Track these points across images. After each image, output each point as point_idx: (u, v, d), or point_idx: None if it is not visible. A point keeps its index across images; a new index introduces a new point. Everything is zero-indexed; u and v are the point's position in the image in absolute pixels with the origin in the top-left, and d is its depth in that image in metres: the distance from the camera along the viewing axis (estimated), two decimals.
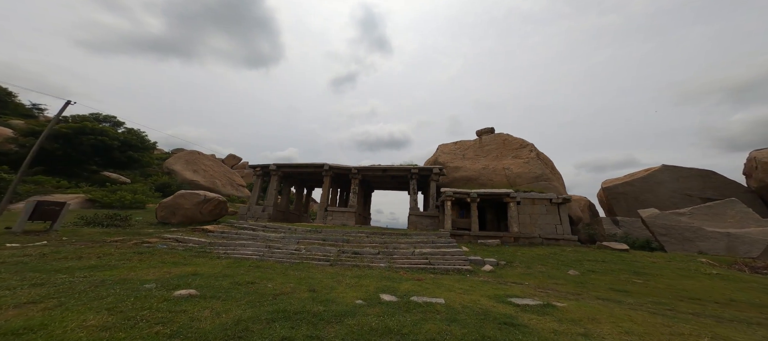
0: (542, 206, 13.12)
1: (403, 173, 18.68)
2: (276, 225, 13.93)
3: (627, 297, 5.40)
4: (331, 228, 14.13)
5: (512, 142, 20.24)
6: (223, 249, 9.62)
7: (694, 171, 17.75)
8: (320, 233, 13.26)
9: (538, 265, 8.53)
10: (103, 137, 21.64)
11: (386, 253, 9.89)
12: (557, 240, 12.23)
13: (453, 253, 9.60)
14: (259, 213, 17.97)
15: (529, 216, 13.03)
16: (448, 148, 22.80)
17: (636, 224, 15.80)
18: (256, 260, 8.52)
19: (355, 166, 18.69)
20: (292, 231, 13.28)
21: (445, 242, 11.19)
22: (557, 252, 10.19)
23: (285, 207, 20.86)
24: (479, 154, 21.05)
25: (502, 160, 19.39)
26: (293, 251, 9.92)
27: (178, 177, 32.54)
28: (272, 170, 19.09)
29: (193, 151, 36.17)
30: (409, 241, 11.44)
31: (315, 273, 7.00)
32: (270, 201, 18.62)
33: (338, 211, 18.10)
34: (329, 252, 10.00)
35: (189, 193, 12.74)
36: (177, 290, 4.35)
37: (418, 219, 17.23)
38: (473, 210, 13.69)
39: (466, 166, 20.25)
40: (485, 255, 9.94)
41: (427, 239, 11.81)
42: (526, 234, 12.67)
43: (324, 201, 18.65)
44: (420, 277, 7.17)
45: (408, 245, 10.91)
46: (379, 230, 13.88)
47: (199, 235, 10.92)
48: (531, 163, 17.89)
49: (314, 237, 11.90)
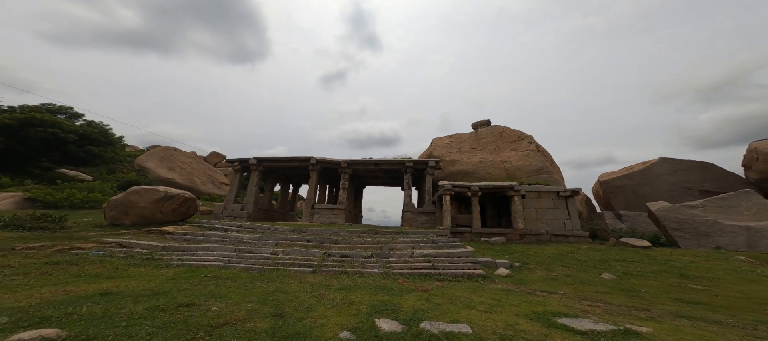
0: (549, 200, 11.87)
1: (396, 167, 17.10)
2: (254, 225, 12.03)
3: (710, 312, 4.05)
4: (317, 227, 12.37)
5: (510, 134, 19.09)
6: (179, 254, 7.70)
7: (693, 163, 17.15)
8: (305, 233, 11.48)
9: (559, 267, 7.17)
10: (55, 130, 18.84)
11: (381, 256, 8.27)
12: (566, 236, 11.01)
13: (458, 254, 8.10)
14: (238, 212, 15.92)
15: (535, 211, 11.76)
16: (442, 142, 21.43)
17: (640, 218, 14.90)
18: (218, 268, 6.70)
19: (345, 160, 16.96)
20: (271, 231, 11.43)
21: (447, 241, 9.70)
22: (573, 251, 8.90)
23: (268, 205, 18.84)
24: (476, 147, 19.78)
25: (500, 153, 18.18)
26: (268, 255, 8.13)
27: (150, 175, 29.66)
28: (252, 164, 17.05)
29: (169, 147, 33.21)
30: (407, 241, 9.87)
31: (290, 284, 5.29)
32: (250, 199, 16.59)
33: (326, 209, 16.32)
34: (313, 255, 8.27)
35: (145, 189, 10.65)
36: (30, 329, 2.56)
37: (414, 216, 15.71)
38: (474, 205, 12.29)
39: (462, 159, 18.92)
40: (494, 255, 8.51)
41: (427, 238, 10.29)
42: (533, 230, 11.39)
43: (311, 198, 16.80)
44: (425, 286, 5.60)
45: (405, 245, 9.34)
46: (372, 228, 12.24)
47: (153, 238, 8.91)
48: (531, 156, 16.76)
49: (297, 238, 10.12)
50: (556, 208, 11.68)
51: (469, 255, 8.04)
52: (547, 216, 11.64)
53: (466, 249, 8.54)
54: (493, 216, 15.26)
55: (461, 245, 9.18)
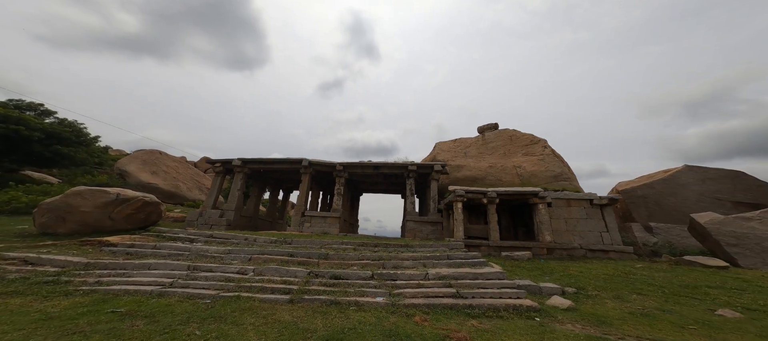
0: (580, 209, 9.95)
1: (398, 170, 15.14)
2: (229, 235, 9.83)
3: None
4: (306, 237, 10.21)
5: (520, 137, 17.42)
6: (106, 274, 5.48)
7: (721, 172, 15.53)
8: (290, 245, 9.33)
9: (632, 294, 5.17)
10: (18, 127, 16.58)
11: (384, 277, 6.15)
12: (606, 252, 9.02)
13: (487, 275, 6.02)
14: (215, 220, 13.65)
15: (565, 222, 9.80)
16: (446, 146, 19.65)
17: (674, 231, 13.02)
18: (148, 295, 4.52)
19: (341, 162, 14.97)
20: (248, 242, 9.24)
21: (465, 256, 7.62)
22: (629, 271, 6.90)
23: (253, 213, 16.57)
24: (483, 151, 18.02)
25: (511, 158, 16.41)
26: (233, 274, 5.95)
27: (130, 180, 27.18)
28: (236, 166, 14.93)
29: (154, 150, 30.84)
30: (414, 256, 7.77)
31: (246, 329, 3.19)
32: (231, 205, 14.36)
33: (319, 216, 14.15)
34: (294, 275, 6.13)
35: (90, 190, 8.42)
36: None
37: (418, 226, 13.62)
38: (492, 213, 10.30)
39: (469, 164, 17.08)
40: (531, 275, 6.46)
41: (438, 252, 8.21)
42: (563, 243, 9.38)
43: (301, 205, 14.63)
44: (456, 329, 3.54)
45: (414, 262, 7.23)
46: (371, 239, 10.11)
47: (81, 252, 6.68)
48: (547, 160, 15.01)
49: (277, 252, 7.94)
50: (590, 219, 9.74)
51: (501, 276, 5.97)
52: (579, 228, 9.68)
53: (495, 269, 6.46)
54: (508, 226, 13.25)
55: (485, 261, 7.10)
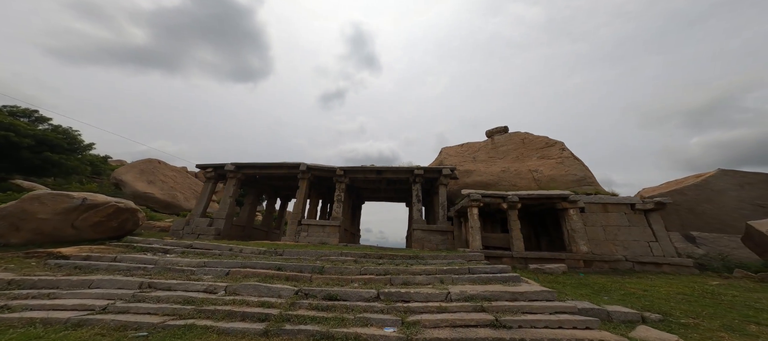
0: (620, 215, 8.45)
1: (403, 175, 13.81)
2: (212, 245, 8.46)
3: None
4: (301, 248, 8.79)
5: (534, 140, 16.12)
6: (25, 295, 4.12)
7: (760, 176, 13.95)
8: (280, 256, 7.94)
9: (742, 322, 3.68)
10: (8, 133, 15.72)
11: (393, 298, 4.69)
12: (659, 265, 7.43)
13: (528, 294, 4.53)
14: (203, 229, 12.28)
15: (603, 230, 8.29)
16: (453, 151, 18.38)
17: (721, 241, 11.34)
18: (61, 326, 3.14)
19: (341, 167, 13.71)
20: (233, 253, 7.85)
21: (491, 270, 6.13)
22: (710, 290, 5.35)
23: (247, 222, 15.19)
24: (493, 155, 16.69)
25: (526, 161, 15.04)
26: (196, 294, 4.54)
27: (126, 189, 26.11)
28: (229, 171, 13.72)
29: (152, 159, 29.94)
30: (428, 269, 6.31)
31: None
32: (222, 212, 13.03)
33: (317, 225, 12.74)
34: (277, 295, 4.70)
35: (50, 194, 7.12)
36: None
37: (426, 236, 12.12)
38: (513, 220, 8.84)
39: (479, 169, 15.73)
40: (583, 294, 4.94)
41: (456, 264, 6.73)
42: (604, 255, 7.83)
43: (298, 213, 13.26)
44: None
45: (429, 277, 5.77)
46: (375, 250, 8.64)
47: (21, 265, 5.35)
48: (566, 164, 13.62)
49: (263, 265, 6.52)
50: (634, 226, 8.22)
51: (548, 296, 4.47)
52: (621, 237, 8.15)
53: (536, 287, 4.96)
54: (528, 236, 11.68)
55: (517, 276, 5.60)
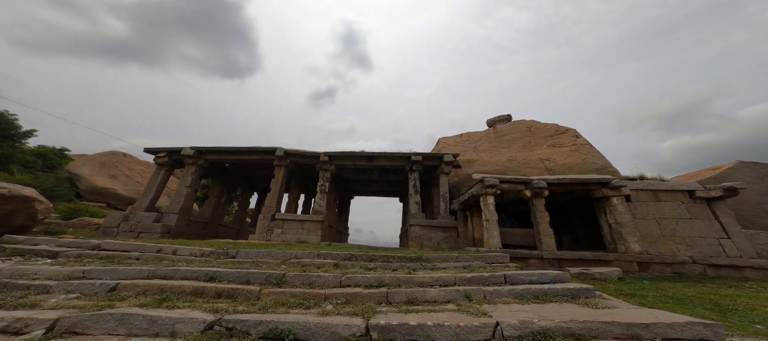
0: (676, 204, 6.55)
1: (398, 163, 11.64)
2: (132, 246, 5.96)
3: None
4: (266, 247, 6.40)
5: (542, 128, 14.38)
6: None
7: None
8: (232, 258, 5.61)
9: None
10: None
11: (394, 334, 2.44)
12: (739, 268, 5.55)
13: (658, 329, 2.44)
14: (147, 225, 9.59)
15: (657, 224, 6.38)
16: (452, 141, 16.42)
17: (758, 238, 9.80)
18: None
19: (326, 152, 11.38)
20: (158, 257, 5.41)
21: (539, 278, 4.01)
22: None
23: (211, 217, 12.51)
24: (497, 145, 14.83)
25: (535, 150, 13.24)
26: None
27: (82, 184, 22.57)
28: (188, 157, 11.08)
29: (116, 152, 26.37)
30: (442, 278, 4.11)
31: None
32: (175, 206, 10.39)
33: (294, 221, 10.32)
34: (167, 334, 2.33)
35: None
36: None
37: (425, 233, 9.98)
38: (540, 211, 6.81)
39: (482, 159, 13.80)
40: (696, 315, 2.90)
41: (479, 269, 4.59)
42: (663, 256, 5.91)
43: (272, 206, 10.79)
44: None
45: (446, 291, 3.58)
46: (364, 250, 6.35)
47: None
48: (583, 151, 11.88)
49: (189, 274, 4.10)
50: (695, 219, 6.35)
51: (709, 335, 2.38)
52: (680, 232, 6.26)
53: (629, 306, 2.87)
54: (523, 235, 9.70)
55: (591, 289, 3.51)
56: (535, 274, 3.97)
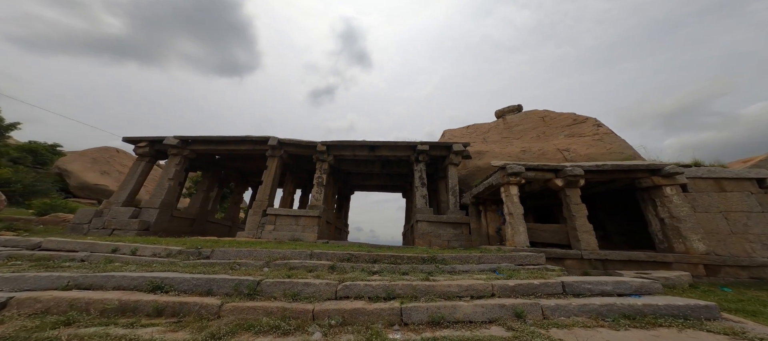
0: (744, 196, 5.33)
1: (403, 153, 10.51)
2: (83, 245, 4.85)
3: None
4: (249, 246, 5.28)
5: (557, 118, 13.24)
6: None
7: None
8: (205, 258, 4.48)
9: None
10: None
11: None
12: None
13: None
14: (123, 221, 8.49)
15: (724, 218, 5.19)
16: (458, 133, 15.28)
17: None
18: None
19: (323, 141, 10.25)
20: (106, 260, 4.28)
21: (613, 287, 2.89)
22: None
23: (199, 213, 11.40)
24: (507, 136, 13.69)
25: (551, 140, 12.11)
26: None
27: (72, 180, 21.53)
28: (171, 147, 9.97)
29: (110, 147, 25.27)
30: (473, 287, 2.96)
31: None
32: (155, 200, 9.29)
33: (288, 216, 9.21)
34: None
35: None
36: None
37: (433, 229, 8.86)
38: (575, 203, 5.68)
39: (493, 150, 12.66)
40: None
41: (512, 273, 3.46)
42: (739, 258, 4.78)
43: (264, 200, 9.68)
44: None
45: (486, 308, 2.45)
46: (366, 250, 5.20)
47: None
48: (607, 141, 10.73)
49: (126, 283, 2.95)
50: None
51: None
52: (753, 228, 5.08)
53: None
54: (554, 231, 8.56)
55: (714, 307, 2.40)
56: (608, 282, 2.84)
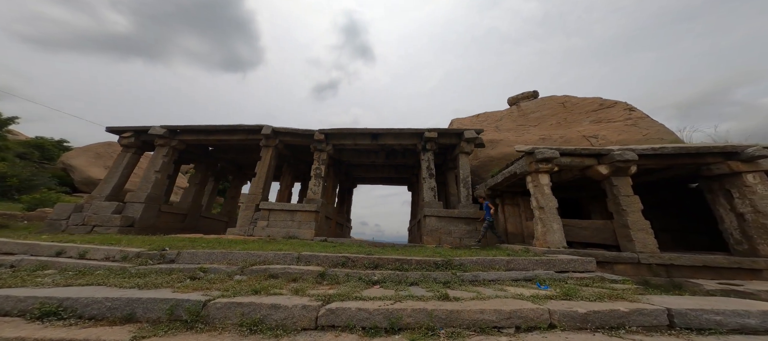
0: None
1: (409, 141, 9.41)
2: (13, 245, 3.96)
3: None
4: (234, 246, 4.35)
5: (579, 103, 11.85)
6: None
7: None
8: (170, 262, 3.47)
9: None
10: None
11: None
12: None
13: None
14: (105, 217, 7.72)
15: None
16: (467, 121, 14.05)
17: None
18: None
19: (321, 129, 9.22)
20: (39, 266, 3.31)
21: (733, 316, 1.81)
22: None
23: (191, 208, 10.62)
24: (523, 123, 12.40)
25: (574, 127, 10.79)
26: None
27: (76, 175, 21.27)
28: (158, 137, 9.12)
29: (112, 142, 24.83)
30: (512, 316, 1.92)
31: None
32: (140, 194, 8.50)
33: (283, 211, 8.30)
34: None
35: None
36: None
37: (443, 225, 7.81)
38: (625, 194, 4.50)
39: (507, 138, 11.43)
40: None
41: (557, 282, 2.38)
42: None
43: (257, 193, 8.78)
44: None
45: None
46: (365, 251, 4.14)
47: None
48: (642, 126, 9.35)
49: (18, 303, 1.99)
50: None
51: None
52: None
53: None
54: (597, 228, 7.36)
55: None
56: (751, 312, 1.75)
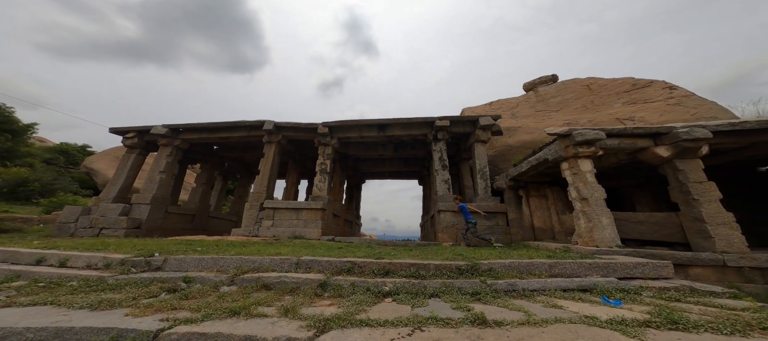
0: None
1: (419, 131, 8.63)
2: (3, 253, 3.56)
3: None
4: (224, 251, 3.84)
5: (607, 84, 10.61)
6: None
7: None
8: (155, 270, 2.90)
9: None
10: None
11: None
12: None
13: None
14: (111, 219, 7.49)
15: None
16: (479, 110, 13.04)
17: None
18: None
19: (325, 122, 8.60)
20: (9, 278, 2.85)
21: None
22: None
23: (199, 208, 10.35)
24: (542, 109, 11.29)
25: (603, 110, 9.61)
26: None
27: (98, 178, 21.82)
28: (162, 136, 8.81)
29: None
30: None
31: None
32: (146, 195, 8.24)
33: (288, 209, 7.80)
34: None
35: None
36: None
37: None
38: (697, 180, 3.58)
39: (526, 125, 10.39)
40: None
41: (629, 294, 1.61)
42: None
43: (261, 192, 8.31)
44: None
45: None
46: (375, 254, 3.48)
47: None
48: (687, 104, 8.09)
49: None
50: None
51: None
52: None
53: None
54: (657, 222, 6.33)
55: None
56: None
